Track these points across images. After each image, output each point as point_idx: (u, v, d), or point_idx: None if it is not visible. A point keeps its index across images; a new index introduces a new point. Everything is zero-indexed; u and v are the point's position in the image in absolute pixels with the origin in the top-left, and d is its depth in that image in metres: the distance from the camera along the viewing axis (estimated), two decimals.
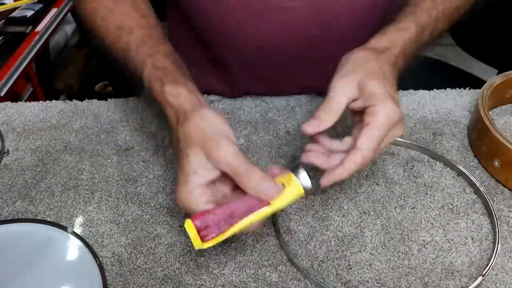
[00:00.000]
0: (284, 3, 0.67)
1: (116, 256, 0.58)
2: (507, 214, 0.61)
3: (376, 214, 0.62)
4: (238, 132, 0.73)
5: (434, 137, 0.72)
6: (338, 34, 0.71)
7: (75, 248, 0.56)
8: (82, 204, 0.63)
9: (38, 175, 0.67)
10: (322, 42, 0.71)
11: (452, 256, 0.57)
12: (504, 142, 0.62)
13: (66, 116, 0.76)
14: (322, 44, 0.72)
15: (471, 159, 0.69)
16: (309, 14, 0.68)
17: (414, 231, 0.60)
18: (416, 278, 0.55)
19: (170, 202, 0.63)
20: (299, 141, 0.71)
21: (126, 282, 0.55)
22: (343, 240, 0.59)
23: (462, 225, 0.60)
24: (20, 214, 0.62)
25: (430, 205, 0.63)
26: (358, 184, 0.65)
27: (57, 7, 1.57)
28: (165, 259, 0.57)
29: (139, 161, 0.69)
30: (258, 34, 0.70)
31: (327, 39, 0.71)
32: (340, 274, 0.56)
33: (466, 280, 0.55)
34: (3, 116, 0.77)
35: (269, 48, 0.72)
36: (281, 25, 0.69)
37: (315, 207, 0.62)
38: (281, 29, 0.69)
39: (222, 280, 0.55)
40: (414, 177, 0.66)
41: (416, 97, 0.79)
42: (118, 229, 0.60)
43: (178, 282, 0.55)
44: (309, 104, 0.77)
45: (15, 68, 1.36)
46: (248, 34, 0.71)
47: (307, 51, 0.72)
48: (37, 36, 1.45)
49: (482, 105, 0.67)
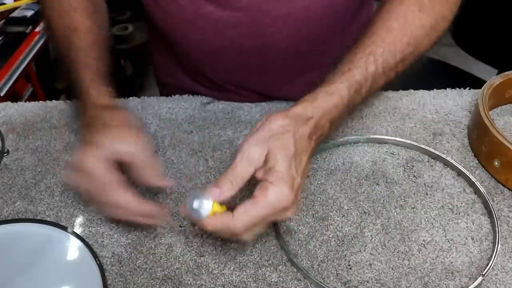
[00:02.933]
0: (213, 13, 0.69)
1: (116, 256, 0.58)
2: (507, 214, 0.61)
3: (376, 214, 0.62)
4: (238, 132, 0.73)
5: (434, 137, 0.72)
6: (275, 46, 0.71)
7: (75, 248, 0.56)
8: (82, 204, 0.63)
9: (38, 175, 0.67)
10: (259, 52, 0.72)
11: (452, 256, 0.57)
12: (504, 142, 0.62)
13: (66, 116, 0.76)
14: (260, 53, 0.72)
15: (471, 159, 0.69)
16: (242, 25, 0.69)
17: (414, 231, 0.60)
18: (416, 278, 0.55)
19: (170, 202, 0.63)
20: None
21: (126, 282, 0.55)
22: (343, 240, 0.59)
23: (462, 225, 0.60)
24: (20, 214, 0.62)
25: (430, 205, 0.63)
26: (358, 184, 0.65)
27: None
28: (165, 259, 0.57)
29: None
30: (195, 40, 0.73)
31: (265, 50, 0.72)
32: (340, 274, 0.56)
33: (466, 280, 0.55)
34: (3, 116, 0.77)
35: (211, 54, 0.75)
36: (214, 33, 0.71)
37: (315, 207, 0.62)
38: (215, 37, 0.71)
39: (222, 280, 0.55)
40: (414, 177, 0.66)
41: (416, 97, 0.79)
42: (118, 229, 0.60)
43: (178, 282, 0.55)
44: None
45: (15, 68, 1.36)
46: (189, 39, 0.73)
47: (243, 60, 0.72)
48: (37, 36, 1.45)
49: (482, 105, 0.67)
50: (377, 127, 0.73)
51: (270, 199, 0.47)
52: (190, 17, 0.70)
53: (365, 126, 0.74)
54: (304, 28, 0.70)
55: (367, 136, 0.71)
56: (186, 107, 0.78)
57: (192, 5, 0.69)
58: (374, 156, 0.69)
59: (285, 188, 0.48)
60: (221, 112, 0.77)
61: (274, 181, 0.48)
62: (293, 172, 0.49)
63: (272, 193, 0.47)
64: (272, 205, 0.48)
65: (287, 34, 0.69)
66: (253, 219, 0.48)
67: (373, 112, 0.76)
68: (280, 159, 0.49)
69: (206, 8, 0.69)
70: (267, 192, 0.47)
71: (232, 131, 0.73)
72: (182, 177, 0.66)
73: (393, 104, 0.77)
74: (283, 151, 0.49)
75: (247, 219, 0.47)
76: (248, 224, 0.48)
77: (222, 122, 0.75)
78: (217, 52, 0.74)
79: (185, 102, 0.79)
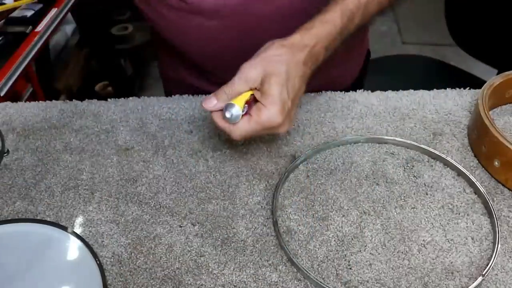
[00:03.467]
0: (203, 23, 0.72)
1: (116, 256, 0.58)
2: (507, 214, 0.61)
3: (376, 214, 0.62)
4: None
5: (434, 137, 0.72)
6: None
7: (75, 248, 0.56)
8: (82, 204, 0.63)
9: (38, 175, 0.67)
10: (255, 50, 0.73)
11: (452, 256, 0.57)
12: (504, 142, 0.62)
13: (66, 116, 0.76)
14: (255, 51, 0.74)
15: (471, 159, 0.69)
16: (232, 30, 0.73)
17: (414, 231, 0.60)
18: (416, 278, 0.55)
19: (170, 202, 0.63)
20: (299, 141, 0.71)
21: (126, 282, 0.55)
22: (343, 240, 0.59)
23: (462, 225, 0.60)
24: (20, 214, 0.62)
25: (430, 205, 0.63)
26: (358, 184, 0.65)
27: (57, 7, 1.56)
28: (165, 259, 0.57)
29: (139, 161, 0.69)
30: (193, 45, 0.77)
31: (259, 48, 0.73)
32: (340, 274, 0.56)
33: (466, 280, 0.55)
34: (3, 116, 0.77)
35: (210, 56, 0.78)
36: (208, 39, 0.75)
37: (315, 207, 0.62)
38: (210, 42, 0.75)
39: (222, 280, 0.55)
40: (414, 177, 0.66)
41: (416, 97, 0.79)
42: (118, 229, 0.60)
43: (178, 282, 0.55)
44: (309, 104, 0.77)
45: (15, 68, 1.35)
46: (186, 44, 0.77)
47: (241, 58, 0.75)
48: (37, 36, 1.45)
49: (482, 105, 0.67)
50: (377, 127, 0.73)
51: (262, 119, 0.56)
52: (182, 28, 0.74)
53: (365, 126, 0.74)
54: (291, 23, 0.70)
55: (367, 136, 0.71)
56: (186, 107, 0.78)
57: (181, 19, 0.73)
58: (374, 156, 0.69)
59: (276, 111, 0.55)
60: None
61: (266, 104, 0.56)
62: (284, 97, 0.56)
63: (264, 114, 0.56)
64: (263, 124, 0.56)
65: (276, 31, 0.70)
66: (247, 133, 0.57)
67: (373, 112, 0.76)
68: (273, 84, 0.56)
69: (195, 20, 0.72)
70: (260, 113, 0.56)
71: None
72: (182, 177, 0.66)
73: (393, 104, 0.77)
74: (276, 77, 0.56)
75: (243, 132, 0.57)
76: (244, 135, 0.58)
77: None
78: (215, 53, 0.77)
79: (185, 102, 0.79)
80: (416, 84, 0.81)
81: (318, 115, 0.75)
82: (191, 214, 0.62)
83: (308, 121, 0.74)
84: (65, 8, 1.60)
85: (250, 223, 0.61)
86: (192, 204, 0.63)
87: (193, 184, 0.66)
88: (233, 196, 0.64)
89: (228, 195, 0.64)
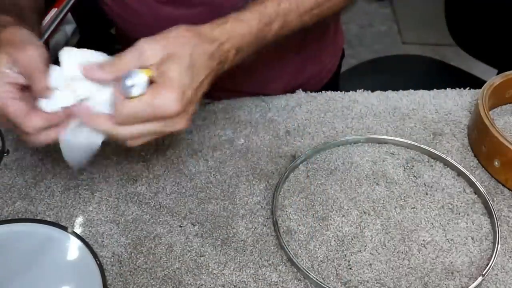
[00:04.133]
0: (172, 13, 0.69)
1: (116, 256, 0.58)
2: (507, 214, 0.61)
3: (376, 214, 0.62)
4: (238, 132, 0.73)
5: (434, 137, 0.72)
6: None
7: (75, 248, 0.56)
8: (82, 204, 0.63)
9: (38, 175, 0.67)
10: None
11: (452, 256, 0.57)
12: (504, 142, 0.62)
13: None
14: None
15: (471, 159, 0.69)
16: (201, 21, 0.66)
17: (414, 231, 0.60)
18: (416, 278, 0.55)
19: (170, 202, 0.63)
20: (299, 141, 0.71)
21: (126, 282, 0.55)
22: (343, 240, 0.59)
23: (462, 225, 0.60)
24: (20, 214, 0.62)
25: (430, 205, 0.63)
26: (358, 184, 0.65)
27: (57, 7, 1.56)
28: (165, 259, 0.57)
29: (139, 161, 0.69)
30: None
31: None
32: (340, 274, 0.56)
33: (466, 280, 0.55)
34: None
35: None
36: None
37: (315, 207, 0.62)
38: None
39: (222, 280, 0.55)
40: (414, 177, 0.66)
41: (416, 97, 0.79)
42: (118, 229, 0.60)
43: (178, 282, 0.55)
44: (309, 104, 0.77)
45: None
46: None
47: None
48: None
49: (482, 105, 0.67)
50: (377, 127, 0.73)
51: (155, 102, 0.47)
52: (149, 20, 0.70)
53: (365, 126, 0.74)
54: None
55: (367, 136, 0.71)
56: None
57: (148, 9, 0.69)
58: (374, 156, 0.69)
59: (172, 95, 0.47)
60: (221, 112, 0.77)
61: (164, 87, 0.47)
62: (185, 83, 0.49)
63: (158, 96, 0.47)
64: (156, 108, 0.47)
65: None
66: (136, 114, 0.47)
67: (373, 112, 0.76)
68: (173, 66, 0.48)
69: (163, 10, 0.69)
70: (154, 95, 0.47)
71: (232, 131, 0.73)
72: (182, 177, 0.66)
73: (393, 104, 0.77)
74: (179, 59, 0.49)
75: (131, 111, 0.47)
76: (131, 116, 0.48)
77: (222, 122, 0.75)
78: None
79: None
80: (416, 84, 0.81)
81: (318, 115, 0.75)
82: (191, 214, 0.62)
83: (308, 121, 0.74)
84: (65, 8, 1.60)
85: (250, 223, 0.61)
86: (192, 204, 0.63)
87: (193, 184, 0.66)
88: (233, 196, 0.64)
89: (228, 195, 0.64)
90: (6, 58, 0.50)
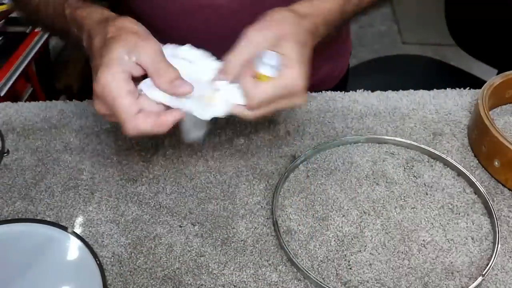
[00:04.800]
0: (214, 0, 0.68)
1: (116, 256, 0.58)
2: (507, 214, 0.61)
3: (376, 214, 0.62)
4: (238, 132, 0.73)
5: (434, 137, 0.72)
6: None
7: (75, 248, 0.56)
8: (82, 204, 0.63)
9: (38, 175, 0.67)
10: None
11: (452, 256, 0.57)
12: (504, 142, 0.62)
13: (66, 116, 0.76)
14: None
15: (471, 159, 0.69)
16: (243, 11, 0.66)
17: (414, 231, 0.60)
18: (416, 278, 0.55)
19: (170, 202, 0.63)
20: (299, 141, 0.71)
21: (126, 282, 0.55)
22: (343, 240, 0.59)
23: (462, 225, 0.60)
24: (20, 214, 0.62)
25: (430, 205, 0.63)
26: (358, 184, 0.65)
27: None
28: (165, 259, 0.57)
29: (139, 161, 0.69)
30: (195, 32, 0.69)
31: None
32: (340, 274, 0.56)
33: (466, 280, 0.55)
34: (3, 116, 0.77)
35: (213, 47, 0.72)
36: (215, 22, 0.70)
37: (315, 207, 0.63)
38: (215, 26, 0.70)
39: (222, 280, 0.55)
40: (414, 177, 0.66)
41: (416, 97, 0.79)
42: (118, 229, 0.60)
43: (178, 282, 0.55)
44: (309, 104, 0.77)
45: (15, 68, 1.36)
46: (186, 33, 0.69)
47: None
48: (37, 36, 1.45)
49: (482, 105, 0.67)
50: (377, 127, 0.73)
51: (284, 82, 0.50)
52: (189, 7, 0.69)
53: (365, 126, 0.74)
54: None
55: (367, 136, 0.71)
56: None
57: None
58: (374, 156, 0.69)
59: (297, 73, 0.50)
60: None
61: (286, 66, 0.50)
62: (303, 59, 0.51)
63: (287, 76, 0.50)
64: (285, 88, 0.50)
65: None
66: (269, 98, 0.51)
67: (373, 112, 0.76)
68: (290, 45, 0.51)
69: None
70: (281, 75, 0.50)
71: (232, 131, 0.73)
72: (182, 177, 0.66)
73: (393, 104, 0.77)
74: (292, 38, 0.51)
75: (264, 96, 0.50)
76: (263, 100, 0.51)
77: (222, 122, 0.75)
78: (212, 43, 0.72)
79: None
80: (416, 84, 0.81)
81: (318, 115, 0.75)
82: (191, 214, 0.62)
83: (308, 121, 0.74)
84: None
85: (250, 223, 0.61)
86: (192, 204, 0.63)
87: (193, 184, 0.66)
88: (233, 196, 0.64)
89: (228, 195, 0.64)
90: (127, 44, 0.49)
